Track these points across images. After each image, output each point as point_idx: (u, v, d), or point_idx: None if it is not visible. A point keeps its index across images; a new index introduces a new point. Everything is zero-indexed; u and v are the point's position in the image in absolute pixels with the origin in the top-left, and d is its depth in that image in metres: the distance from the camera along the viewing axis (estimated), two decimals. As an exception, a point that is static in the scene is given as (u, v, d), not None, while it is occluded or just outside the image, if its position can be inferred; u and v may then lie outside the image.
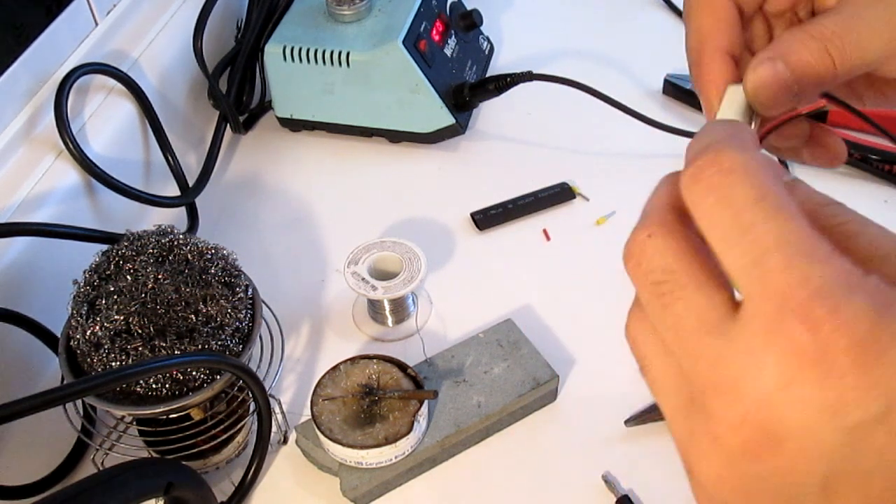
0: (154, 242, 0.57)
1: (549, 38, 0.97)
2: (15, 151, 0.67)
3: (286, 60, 0.81)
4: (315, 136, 0.87)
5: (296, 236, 0.78)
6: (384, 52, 0.78)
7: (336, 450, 0.57)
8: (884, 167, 0.77)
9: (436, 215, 0.78)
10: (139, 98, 0.76)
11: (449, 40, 0.85)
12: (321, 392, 0.59)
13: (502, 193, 0.79)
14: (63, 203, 0.67)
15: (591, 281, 0.72)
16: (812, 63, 0.31)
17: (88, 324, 0.53)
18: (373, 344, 0.69)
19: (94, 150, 0.71)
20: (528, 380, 0.62)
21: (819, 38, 0.31)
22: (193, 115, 0.86)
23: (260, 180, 0.83)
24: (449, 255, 0.75)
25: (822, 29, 0.31)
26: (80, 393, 0.42)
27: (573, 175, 0.80)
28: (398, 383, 0.59)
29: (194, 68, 0.84)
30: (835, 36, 0.31)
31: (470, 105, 0.83)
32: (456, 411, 0.60)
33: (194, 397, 0.53)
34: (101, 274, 0.55)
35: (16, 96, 0.68)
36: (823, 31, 0.31)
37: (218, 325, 0.54)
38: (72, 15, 0.73)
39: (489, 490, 0.60)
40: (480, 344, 0.64)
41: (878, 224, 0.25)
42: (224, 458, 0.60)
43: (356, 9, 0.80)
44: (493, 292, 0.71)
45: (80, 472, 0.62)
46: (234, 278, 0.57)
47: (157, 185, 0.79)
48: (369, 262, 0.67)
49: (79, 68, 0.70)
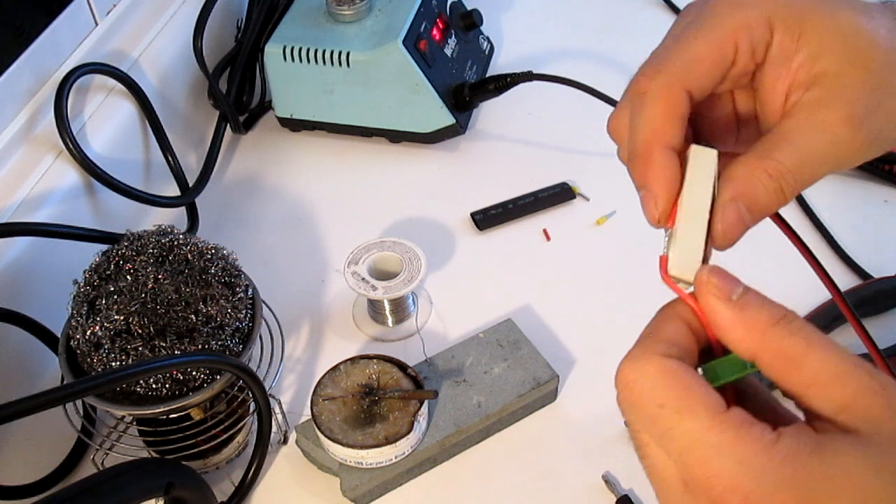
0: (154, 242, 0.57)
1: (549, 38, 0.97)
2: (15, 151, 0.67)
3: (286, 60, 0.81)
4: (315, 136, 0.87)
5: (296, 236, 0.78)
6: (384, 52, 0.78)
7: (336, 450, 0.57)
8: (884, 167, 0.77)
9: (436, 215, 0.78)
10: (139, 98, 0.76)
11: (449, 40, 0.85)
12: (321, 392, 0.59)
13: (502, 193, 0.79)
14: (63, 203, 0.67)
15: (591, 281, 0.72)
16: (769, 202, 0.33)
17: (88, 324, 0.53)
18: (373, 344, 0.69)
19: (94, 149, 0.71)
20: (528, 380, 0.62)
21: (775, 176, 0.32)
22: (193, 114, 0.86)
23: (260, 180, 0.83)
24: (449, 255, 0.75)
25: (777, 166, 0.32)
26: (80, 393, 0.42)
27: (573, 175, 0.80)
28: (398, 383, 0.59)
29: (194, 68, 0.84)
30: (789, 174, 0.32)
31: (470, 105, 0.83)
32: (456, 411, 0.60)
33: (194, 397, 0.53)
34: (101, 274, 0.55)
35: (16, 96, 0.68)
36: (779, 167, 0.32)
37: (218, 325, 0.54)
38: (72, 15, 0.73)
39: (489, 490, 0.59)
40: (480, 344, 0.64)
41: (826, 342, 0.28)
42: (224, 458, 0.60)
43: (356, 9, 0.80)
44: (493, 292, 0.71)
45: (80, 472, 0.62)
46: (234, 278, 0.57)
47: (157, 185, 0.78)
48: (369, 262, 0.67)
49: (79, 68, 0.70)
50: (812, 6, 0.33)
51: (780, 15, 0.33)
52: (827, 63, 0.33)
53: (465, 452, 0.62)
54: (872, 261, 0.71)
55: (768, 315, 0.29)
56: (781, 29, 0.33)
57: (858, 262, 0.71)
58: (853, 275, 0.70)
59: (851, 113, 0.32)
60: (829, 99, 0.33)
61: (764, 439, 0.27)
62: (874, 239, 0.73)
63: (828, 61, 0.33)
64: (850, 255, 0.71)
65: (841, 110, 0.32)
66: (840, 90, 0.33)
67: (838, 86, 0.33)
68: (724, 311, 0.30)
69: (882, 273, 0.69)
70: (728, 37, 0.34)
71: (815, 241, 0.73)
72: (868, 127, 0.33)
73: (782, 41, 0.34)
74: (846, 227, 0.74)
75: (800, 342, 0.28)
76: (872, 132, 0.33)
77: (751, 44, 0.34)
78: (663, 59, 0.35)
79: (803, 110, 0.33)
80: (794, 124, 0.33)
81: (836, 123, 0.32)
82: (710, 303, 0.30)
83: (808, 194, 0.76)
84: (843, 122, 0.32)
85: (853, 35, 0.33)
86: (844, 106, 0.32)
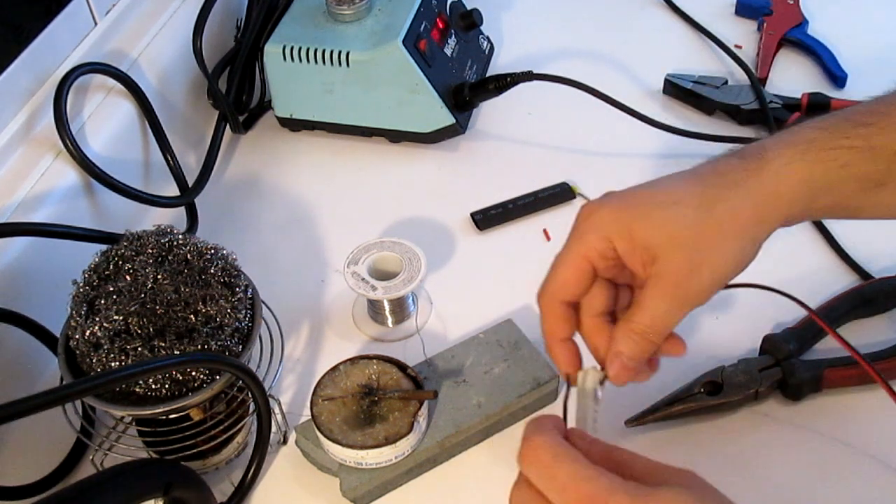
0: (153, 242, 0.57)
1: (549, 38, 0.97)
2: (14, 151, 0.67)
3: (286, 60, 0.80)
4: (315, 136, 0.87)
5: (296, 236, 0.78)
6: (384, 52, 0.78)
7: (336, 450, 0.57)
8: (884, 167, 0.77)
9: (436, 215, 0.78)
10: (138, 98, 0.76)
11: (449, 40, 0.85)
12: (321, 392, 0.59)
13: (502, 193, 0.79)
14: (62, 203, 0.67)
15: (591, 281, 0.72)
16: (641, 349, 0.47)
17: (88, 324, 0.53)
18: (373, 344, 0.69)
19: (94, 149, 0.70)
20: (528, 380, 0.62)
21: (640, 333, 0.47)
22: (193, 114, 0.85)
23: (260, 180, 0.83)
24: (449, 255, 0.75)
25: (638, 327, 0.47)
26: (80, 393, 0.42)
27: (573, 175, 0.80)
28: (398, 383, 0.59)
29: (194, 68, 0.84)
30: (647, 329, 0.47)
31: (470, 105, 0.83)
32: (456, 411, 0.60)
33: (194, 397, 0.53)
34: (100, 274, 0.55)
35: (15, 96, 0.68)
36: (639, 327, 0.47)
37: (217, 325, 0.54)
38: (71, 14, 0.72)
39: (489, 490, 0.59)
40: (480, 344, 0.64)
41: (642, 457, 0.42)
42: (224, 458, 0.60)
43: (356, 8, 0.80)
44: (493, 292, 0.71)
45: (79, 472, 0.62)
46: (233, 278, 0.57)
47: (157, 185, 0.78)
48: (369, 262, 0.67)
49: (78, 68, 0.70)
50: (634, 215, 0.47)
51: (613, 230, 0.47)
52: (656, 248, 0.46)
53: (465, 452, 0.62)
54: (872, 261, 0.71)
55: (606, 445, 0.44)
56: (617, 238, 0.47)
57: (858, 262, 0.71)
58: (853, 275, 0.70)
59: (677, 279, 0.46)
60: (662, 273, 0.46)
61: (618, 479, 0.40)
62: (874, 239, 0.73)
63: (656, 247, 0.46)
64: (850, 255, 0.71)
65: (670, 278, 0.46)
66: (667, 265, 0.46)
67: (666, 262, 0.46)
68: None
69: (882, 273, 0.69)
70: (582, 259, 0.48)
71: (816, 240, 0.73)
72: (695, 281, 0.46)
73: (622, 245, 0.47)
74: (846, 227, 0.74)
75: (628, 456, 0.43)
76: (702, 283, 0.46)
77: (601, 255, 0.48)
78: (547, 280, 0.50)
79: (647, 284, 0.47)
80: (643, 295, 0.47)
81: (668, 288, 0.46)
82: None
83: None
84: (673, 287, 0.46)
85: (666, 224, 0.46)
86: (672, 275, 0.46)
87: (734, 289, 0.50)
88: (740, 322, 0.67)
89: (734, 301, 0.68)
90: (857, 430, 0.60)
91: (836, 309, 0.66)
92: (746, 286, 0.50)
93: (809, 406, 0.62)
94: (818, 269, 0.71)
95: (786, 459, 0.59)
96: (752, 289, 0.55)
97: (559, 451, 0.41)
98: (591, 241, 0.48)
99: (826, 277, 0.70)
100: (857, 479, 0.58)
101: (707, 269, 0.46)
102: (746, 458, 0.60)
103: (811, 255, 0.72)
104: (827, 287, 0.69)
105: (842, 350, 0.54)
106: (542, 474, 0.41)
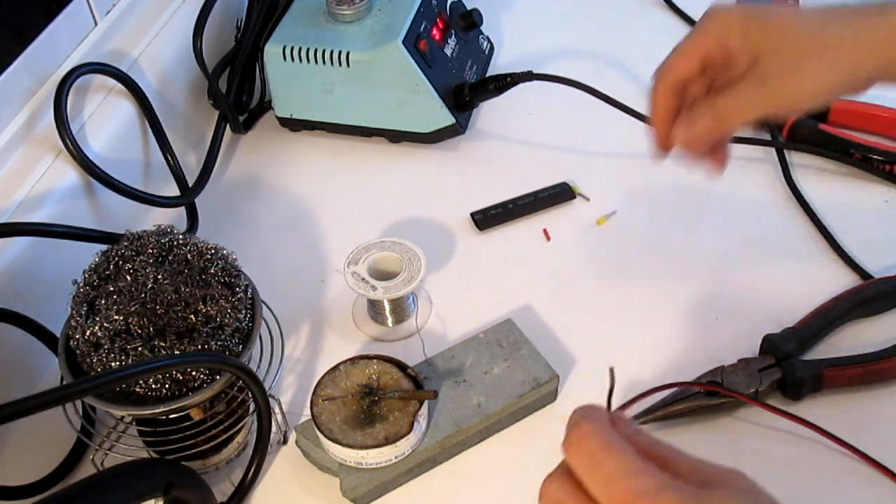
0: (154, 242, 0.57)
1: (549, 38, 0.97)
2: (14, 151, 0.67)
3: (286, 60, 0.80)
4: (315, 136, 0.87)
5: (296, 236, 0.78)
6: (384, 52, 0.78)
7: (336, 450, 0.57)
8: (885, 167, 0.77)
9: (436, 215, 0.78)
10: (139, 98, 0.76)
11: (449, 40, 0.85)
12: (321, 392, 0.59)
13: (502, 193, 0.79)
14: (62, 203, 0.67)
15: (591, 281, 0.72)
16: (708, 127, 0.54)
17: (88, 324, 0.53)
18: (373, 344, 0.69)
19: (94, 149, 0.71)
20: (528, 380, 0.62)
21: (716, 109, 0.53)
22: (193, 114, 0.85)
23: (260, 180, 0.83)
24: (449, 255, 0.75)
25: (717, 103, 0.53)
26: (80, 393, 0.42)
27: (573, 175, 0.80)
28: (398, 383, 0.59)
29: (194, 68, 0.84)
30: (723, 112, 0.53)
31: (470, 105, 0.83)
32: (456, 411, 0.60)
33: (194, 397, 0.53)
34: (100, 274, 0.55)
35: (15, 96, 0.68)
36: (718, 104, 0.53)
37: (218, 325, 0.54)
38: (71, 14, 0.72)
39: (489, 490, 0.59)
40: (480, 344, 0.64)
41: (686, 454, 0.39)
42: (224, 458, 0.60)
43: (356, 8, 0.80)
44: (493, 292, 0.71)
45: (79, 472, 0.62)
46: (233, 278, 0.57)
47: (157, 185, 0.78)
48: (369, 262, 0.67)
49: (78, 68, 0.70)
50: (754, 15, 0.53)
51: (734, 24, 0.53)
52: (761, 48, 0.52)
53: (465, 452, 0.62)
54: (872, 261, 0.71)
55: (651, 438, 0.40)
56: (735, 34, 0.53)
57: (858, 262, 0.71)
58: (853, 275, 0.70)
59: (766, 79, 0.51)
60: (757, 71, 0.52)
61: (666, 476, 0.37)
62: (874, 239, 0.73)
63: (762, 47, 0.52)
64: (850, 254, 0.71)
65: (761, 76, 0.52)
66: (764, 66, 0.52)
67: (764, 63, 0.52)
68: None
69: (882, 273, 0.69)
70: (702, 47, 0.54)
71: (816, 240, 0.73)
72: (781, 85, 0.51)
73: (735, 42, 0.53)
74: (846, 227, 0.74)
75: (672, 451, 0.40)
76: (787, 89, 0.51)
77: (718, 44, 0.53)
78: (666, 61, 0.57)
79: (742, 80, 0.53)
80: (734, 86, 0.53)
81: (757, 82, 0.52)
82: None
83: (808, 194, 0.76)
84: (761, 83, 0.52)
85: (779, 31, 0.51)
86: (764, 75, 0.52)
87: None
88: (740, 322, 0.67)
89: (734, 301, 0.68)
90: (857, 430, 0.60)
91: (836, 309, 0.66)
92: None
93: (809, 406, 0.62)
94: (818, 269, 0.71)
95: (786, 459, 0.59)
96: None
97: (610, 440, 0.39)
98: (713, 31, 0.54)
99: (826, 277, 0.70)
100: (858, 479, 0.58)
101: (795, 79, 0.51)
102: (746, 458, 0.60)
103: (811, 255, 0.72)
104: (827, 287, 0.69)
105: (842, 350, 0.54)
106: (588, 463, 0.39)
